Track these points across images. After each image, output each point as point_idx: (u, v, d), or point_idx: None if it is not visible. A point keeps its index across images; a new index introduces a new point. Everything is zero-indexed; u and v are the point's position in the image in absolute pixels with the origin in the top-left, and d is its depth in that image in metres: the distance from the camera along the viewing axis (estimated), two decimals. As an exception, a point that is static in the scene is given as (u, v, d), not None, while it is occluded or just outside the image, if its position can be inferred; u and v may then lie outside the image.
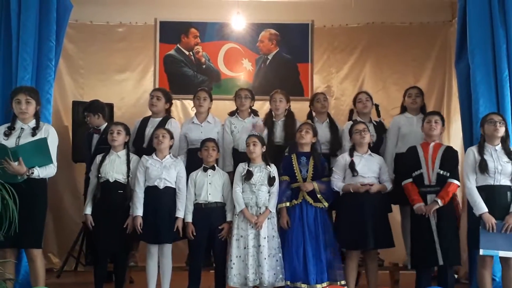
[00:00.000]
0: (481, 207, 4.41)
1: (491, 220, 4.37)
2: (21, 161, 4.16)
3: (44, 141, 4.30)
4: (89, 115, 5.47)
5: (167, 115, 5.43)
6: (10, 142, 4.30)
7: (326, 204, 4.81)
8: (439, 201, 4.56)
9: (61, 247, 6.61)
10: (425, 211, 4.56)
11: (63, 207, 6.76)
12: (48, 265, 6.34)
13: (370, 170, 4.83)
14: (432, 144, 4.78)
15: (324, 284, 4.62)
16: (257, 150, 4.84)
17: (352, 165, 4.82)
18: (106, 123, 5.39)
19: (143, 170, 4.80)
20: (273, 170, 4.86)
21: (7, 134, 4.36)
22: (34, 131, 4.37)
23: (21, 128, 4.39)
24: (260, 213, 4.76)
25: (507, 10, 4.85)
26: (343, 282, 4.71)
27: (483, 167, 4.46)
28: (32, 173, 4.24)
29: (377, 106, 5.58)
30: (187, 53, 7.18)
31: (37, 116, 4.44)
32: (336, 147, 5.34)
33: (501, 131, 4.52)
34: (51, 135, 4.41)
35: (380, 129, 5.36)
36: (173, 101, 6.98)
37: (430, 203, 4.58)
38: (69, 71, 7.07)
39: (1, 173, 4.04)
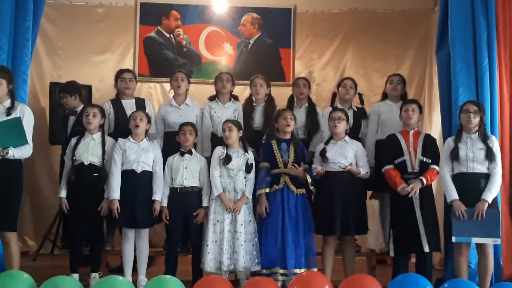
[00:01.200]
0: (451, 194, 4.47)
1: (460, 207, 4.41)
2: None
3: (18, 120, 4.21)
4: (66, 96, 5.39)
5: (138, 97, 5.40)
6: None
7: (312, 188, 4.78)
8: (423, 179, 4.59)
9: (37, 230, 6.56)
10: (409, 191, 4.55)
11: (39, 190, 6.69)
12: (24, 248, 6.29)
13: (342, 156, 4.81)
14: (411, 132, 4.80)
15: (302, 270, 4.62)
16: (233, 135, 4.81)
17: (322, 152, 4.84)
18: (83, 105, 5.31)
19: (120, 152, 4.75)
20: (251, 157, 4.84)
21: None
22: (9, 111, 4.26)
23: None
24: (237, 199, 4.74)
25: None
26: (315, 269, 4.70)
27: (454, 154, 4.50)
28: (7, 153, 4.16)
29: (360, 95, 5.57)
30: (167, 35, 7.09)
31: (12, 95, 4.33)
32: (312, 131, 5.34)
33: (475, 122, 4.53)
34: (26, 115, 4.32)
35: (360, 114, 5.35)
36: (153, 84, 7.04)
37: (413, 182, 4.58)
38: (47, 51, 6.96)
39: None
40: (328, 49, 7.33)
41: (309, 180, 4.77)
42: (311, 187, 4.78)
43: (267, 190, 4.78)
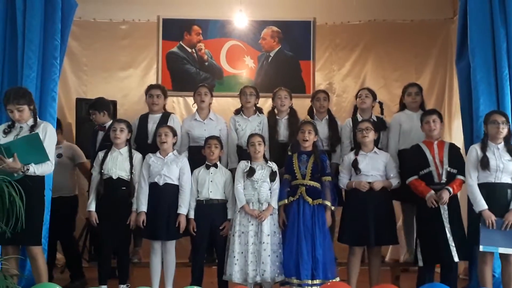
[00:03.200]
0: (481, 204, 4.46)
1: (491, 217, 4.42)
2: (16, 157, 4.14)
3: (36, 136, 4.26)
4: (94, 113, 5.51)
5: (166, 111, 5.49)
6: (8, 140, 4.29)
7: (328, 203, 4.81)
8: (450, 189, 4.61)
9: (65, 243, 6.66)
10: (438, 199, 4.58)
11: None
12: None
13: (374, 168, 4.87)
14: (435, 142, 4.82)
15: (317, 281, 4.63)
16: (262, 149, 4.90)
17: (355, 164, 4.87)
18: (111, 120, 5.43)
19: (147, 166, 4.86)
20: (274, 166, 4.92)
21: (6, 132, 4.36)
22: (32, 129, 4.35)
23: (20, 127, 4.38)
24: (262, 210, 4.80)
25: (508, 9, 4.87)
26: (337, 279, 4.73)
27: (484, 163, 4.49)
28: (28, 169, 4.20)
29: (381, 104, 5.61)
30: (189, 50, 7.22)
31: (34, 114, 4.41)
32: (334, 142, 5.38)
33: (504, 132, 4.55)
34: (48, 133, 4.38)
35: (379, 125, 5.37)
36: (176, 98, 7.15)
37: (441, 192, 4.61)
38: (72, 68, 7.13)
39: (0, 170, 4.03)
40: (348, 61, 7.39)
41: (328, 203, 4.79)
42: (327, 203, 4.80)
43: (286, 201, 4.84)
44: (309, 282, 4.61)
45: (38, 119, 4.45)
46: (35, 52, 4.75)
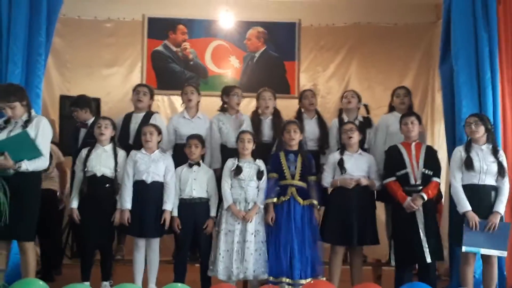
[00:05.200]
0: (465, 205, 4.52)
1: (475, 218, 4.48)
2: (6, 155, 4.14)
3: (24, 134, 4.26)
4: (76, 110, 5.49)
5: (150, 111, 5.48)
6: (2, 136, 4.30)
7: (316, 202, 4.88)
8: (424, 195, 4.67)
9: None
10: (414, 206, 4.65)
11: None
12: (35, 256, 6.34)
13: (359, 168, 4.92)
14: (413, 144, 4.88)
15: (308, 280, 4.69)
16: (251, 146, 4.92)
17: (341, 163, 4.92)
18: (93, 118, 5.41)
19: (132, 163, 4.85)
20: (262, 165, 4.94)
21: (1, 128, 4.36)
22: (26, 123, 4.34)
23: (15, 122, 4.38)
24: (248, 209, 4.83)
25: (490, 14, 4.96)
26: (324, 278, 4.80)
27: (468, 164, 4.55)
28: (20, 167, 4.22)
29: (366, 105, 5.66)
30: (174, 49, 7.23)
31: (28, 109, 4.41)
32: (324, 144, 5.42)
33: (479, 130, 4.60)
34: (42, 127, 4.37)
35: (365, 125, 5.42)
36: (161, 97, 7.14)
37: (415, 197, 4.67)
38: (56, 65, 7.11)
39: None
40: (332, 62, 7.48)
41: (316, 203, 4.87)
42: (317, 205, 4.88)
43: (275, 200, 4.87)
44: (302, 281, 4.66)
45: (33, 113, 4.44)
46: (20, 48, 4.75)
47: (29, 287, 3.91)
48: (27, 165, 4.26)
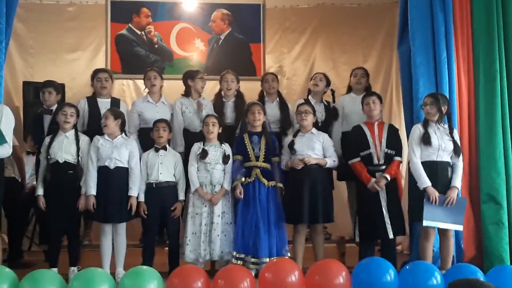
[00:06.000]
0: (425, 181, 4.63)
1: (435, 193, 4.61)
2: None
3: None
4: (50, 91, 5.32)
5: (114, 97, 5.48)
6: None
7: (280, 184, 4.98)
8: (387, 176, 4.79)
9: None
10: (377, 188, 4.77)
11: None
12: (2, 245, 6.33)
13: (309, 147, 4.98)
14: (376, 123, 4.98)
15: (273, 258, 4.78)
16: (216, 130, 4.96)
17: (291, 144, 5.01)
18: (56, 104, 5.36)
19: (95, 149, 4.85)
20: (227, 148, 5.00)
21: None
22: None
23: None
24: (215, 192, 4.90)
25: (445, -7, 5.06)
26: (289, 255, 4.91)
27: (426, 139, 4.66)
28: None
29: (333, 91, 5.74)
30: (139, 32, 7.19)
31: None
32: (286, 126, 5.48)
33: (435, 110, 4.73)
34: (5, 115, 4.38)
35: (332, 114, 5.49)
36: (126, 81, 7.12)
37: (378, 178, 4.80)
38: (18, 50, 7.04)
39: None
40: (297, 44, 7.53)
41: (280, 185, 4.98)
42: (279, 184, 4.97)
43: (242, 180, 4.93)
44: (267, 260, 4.74)
45: None
46: (-21, 36, 4.68)
47: (-6, 274, 3.92)
48: None
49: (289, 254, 4.94)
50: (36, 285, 3.80)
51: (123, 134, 4.98)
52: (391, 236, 4.79)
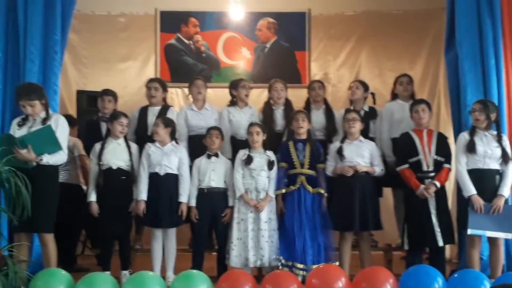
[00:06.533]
0: (470, 189, 4.61)
1: (479, 202, 4.57)
2: (30, 149, 4.34)
3: (48, 128, 4.47)
4: (110, 100, 5.54)
5: (166, 104, 5.61)
6: (22, 132, 4.50)
7: (323, 191, 5.01)
8: (437, 183, 4.77)
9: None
10: (427, 195, 4.75)
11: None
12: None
13: (358, 155, 5.01)
14: (425, 131, 4.96)
15: (320, 265, 4.79)
16: (260, 138, 5.06)
17: (340, 150, 5.03)
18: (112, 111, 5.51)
19: (146, 156, 5.00)
20: (272, 155, 5.07)
21: (20, 125, 4.57)
22: (44, 121, 4.54)
23: (33, 119, 4.57)
24: (260, 198, 4.97)
25: (494, -1, 5.01)
26: (337, 263, 4.93)
27: (470, 147, 4.65)
28: (41, 159, 4.41)
29: (373, 94, 5.75)
30: (187, 42, 7.34)
31: (46, 107, 4.60)
32: (331, 133, 5.51)
33: (483, 117, 4.69)
34: (60, 124, 4.59)
35: (369, 114, 5.52)
36: (174, 90, 7.27)
37: (428, 185, 4.77)
38: (72, 61, 7.24)
39: (12, 160, 4.22)
40: (342, 51, 7.52)
41: (322, 191, 5.00)
42: (324, 193, 5.00)
43: (283, 191, 5.01)
44: (313, 266, 4.76)
45: (50, 111, 4.63)
46: (37, 47, 4.89)
47: (52, 276, 4.10)
48: (48, 159, 4.46)
49: (335, 262, 4.96)
50: (92, 287, 3.96)
51: (173, 141, 5.10)
52: (440, 244, 4.76)
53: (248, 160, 4.99)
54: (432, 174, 4.83)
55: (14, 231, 4.49)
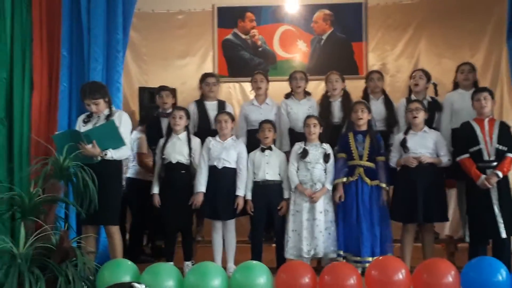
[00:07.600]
0: None
1: None
2: (95, 144, 4.51)
3: (112, 123, 4.63)
4: (168, 95, 5.77)
5: (220, 100, 5.71)
6: (87, 129, 4.68)
7: (383, 185, 4.97)
8: (499, 173, 4.66)
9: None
10: (488, 185, 4.65)
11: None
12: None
13: (423, 146, 4.94)
14: (486, 120, 4.85)
15: (377, 257, 4.76)
16: (317, 130, 5.07)
17: (403, 142, 4.98)
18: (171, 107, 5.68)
19: (207, 149, 5.11)
20: (328, 148, 5.08)
21: (85, 122, 4.77)
22: (108, 117, 4.72)
23: (98, 116, 4.77)
24: (316, 189, 4.99)
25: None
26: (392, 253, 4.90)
27: None
28: (106, 154, 4.58)
29: (435, 85, 5.65)
30: (243, 37, 7.43)
31: (109, 105, 4.79)
32: (391, 124, 5.46)
33: None
34: (123, 120, 4.75)
35: (434, 106, 5.42)
36: (232, 84, 7.39)
37: (490, 175, 4.67)
38: (134, 58, 7.46)
39: (79, 156, 4.41)
40: (401, 40, 7.42)
41: (384, 185, 4.96)
42: (383, 185, 4.96)
43: (344, 179, 5.00)
44: (370, 259, 4.78)
45: (113, 108, 4.81)
46: (100, 47, 5.05)
47: (119, 267, 4.26)
48: (112, 153, 4.63)
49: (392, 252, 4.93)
50: (156, 277, 4.11)
51: (234, 136, 5.20)
52: (503, 235, 4.64)
53: (304, 154, 5.02)
54: (494, 163, 4.71)
55: (82, 224, 4.69)
